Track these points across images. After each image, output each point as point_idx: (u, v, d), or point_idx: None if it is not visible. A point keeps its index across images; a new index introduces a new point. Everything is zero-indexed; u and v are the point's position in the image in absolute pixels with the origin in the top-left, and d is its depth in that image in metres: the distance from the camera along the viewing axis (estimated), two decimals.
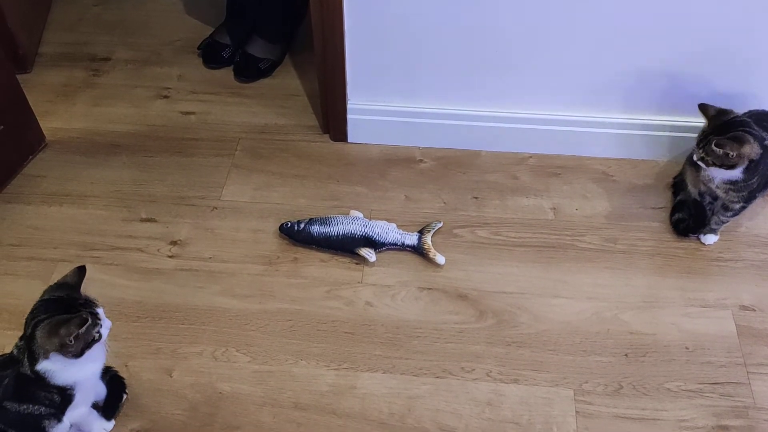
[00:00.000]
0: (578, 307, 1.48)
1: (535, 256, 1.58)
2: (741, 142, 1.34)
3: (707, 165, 1.41)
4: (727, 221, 1.55)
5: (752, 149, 1.35)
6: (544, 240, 1.61)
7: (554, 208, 1.68)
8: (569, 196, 1.70)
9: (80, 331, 1.06)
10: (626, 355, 1.41)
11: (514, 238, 1.62)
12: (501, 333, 1.44)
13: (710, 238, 1.58)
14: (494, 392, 1.36)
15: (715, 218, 1.55)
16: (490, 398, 1.35)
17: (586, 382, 1.37)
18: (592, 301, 1.49)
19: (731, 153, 1.35)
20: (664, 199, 1.68)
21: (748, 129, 1.36)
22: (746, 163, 1.37)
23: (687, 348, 1.42)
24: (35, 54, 2.10)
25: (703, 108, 1.44)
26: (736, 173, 1.40)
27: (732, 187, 1.45)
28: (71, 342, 1.06)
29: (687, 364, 1.39)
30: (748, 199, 1.49)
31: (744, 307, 1.48)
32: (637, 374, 1.38)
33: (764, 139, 1.39)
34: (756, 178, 1.42)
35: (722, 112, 1.42)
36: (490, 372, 1.39)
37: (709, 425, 1.31)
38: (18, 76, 1.76)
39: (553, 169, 1.76)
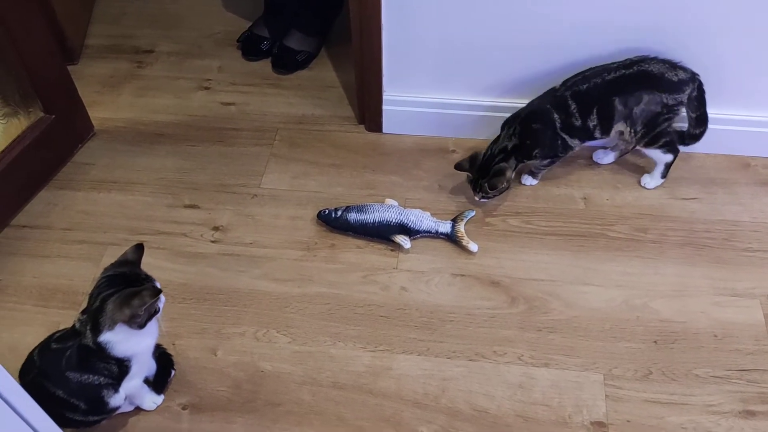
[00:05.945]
0: (608, 295, 1.51)
1: (565, 245, 1.61)
2: (503, 172, 1.59)
3: (490, 199, 1.65)
4: (545, 170, 1.70)
5: (512, 172, 1.61)
6: (575, 229, 1.64)
7: (585, 198, 1.71)
8: (600, 187, 1.73)
9: (152, 301, 1.12)
10: (655, 341, 1.44)
11: (545, 227, 1.65)
12: (532, 319, 1.48)
13: (529, 180, 1.73)
14: (525, 375, 1.40)
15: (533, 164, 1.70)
16: (521, 381, 1.39)
17: (616, 368, 1.40)
18: (621, 288, 1.52)
19: (502, 185, 1.60)
20: (695, 190, 1.70)
21: (498, 161, 1.60)
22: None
23: (716, 336, 1.44)
24: (82, 46, 2.18)
25: (459, 167, 1.64)
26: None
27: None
28: (141, 313, 1.12)
29: (715, 351, 1.42)
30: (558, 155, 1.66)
31: None
32: (666, 360, 1.41)
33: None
34: (555, 143, 1.60)
35: (473, 158, 1.63)
36: (522, 356, 1.43)
37: (735, 410, 1.33)
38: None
39: (584, 160, 1.79)
